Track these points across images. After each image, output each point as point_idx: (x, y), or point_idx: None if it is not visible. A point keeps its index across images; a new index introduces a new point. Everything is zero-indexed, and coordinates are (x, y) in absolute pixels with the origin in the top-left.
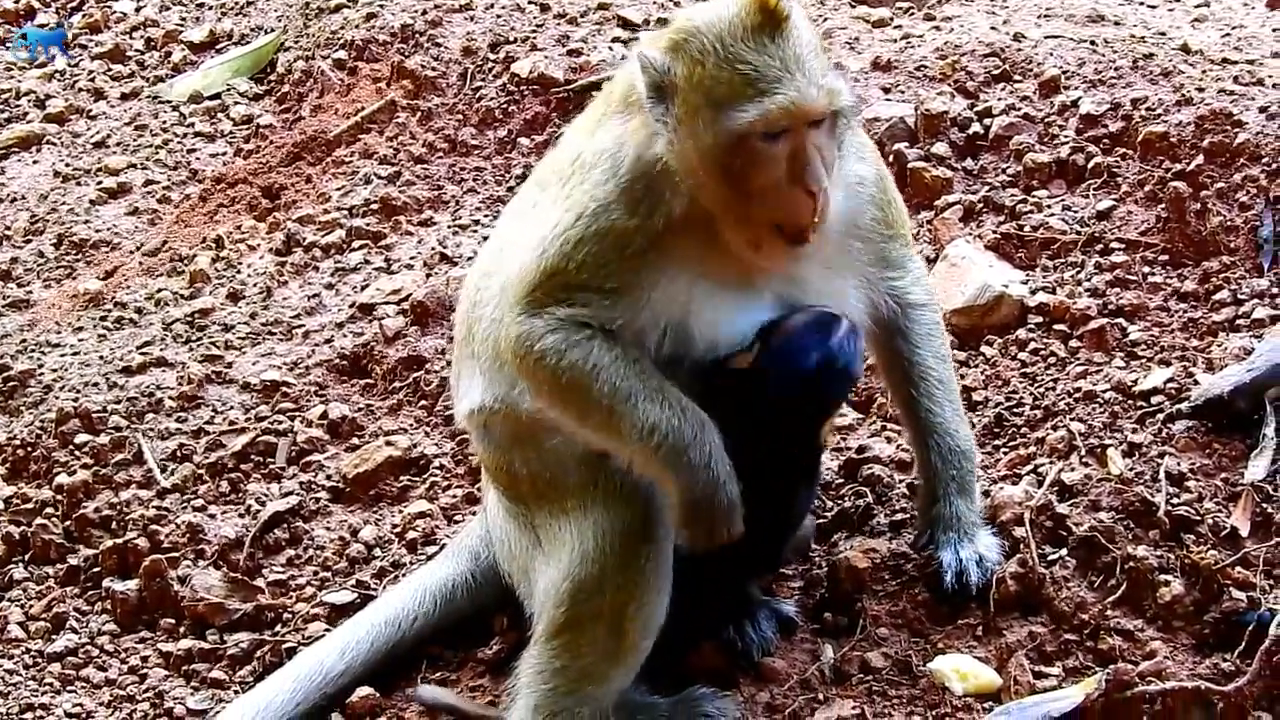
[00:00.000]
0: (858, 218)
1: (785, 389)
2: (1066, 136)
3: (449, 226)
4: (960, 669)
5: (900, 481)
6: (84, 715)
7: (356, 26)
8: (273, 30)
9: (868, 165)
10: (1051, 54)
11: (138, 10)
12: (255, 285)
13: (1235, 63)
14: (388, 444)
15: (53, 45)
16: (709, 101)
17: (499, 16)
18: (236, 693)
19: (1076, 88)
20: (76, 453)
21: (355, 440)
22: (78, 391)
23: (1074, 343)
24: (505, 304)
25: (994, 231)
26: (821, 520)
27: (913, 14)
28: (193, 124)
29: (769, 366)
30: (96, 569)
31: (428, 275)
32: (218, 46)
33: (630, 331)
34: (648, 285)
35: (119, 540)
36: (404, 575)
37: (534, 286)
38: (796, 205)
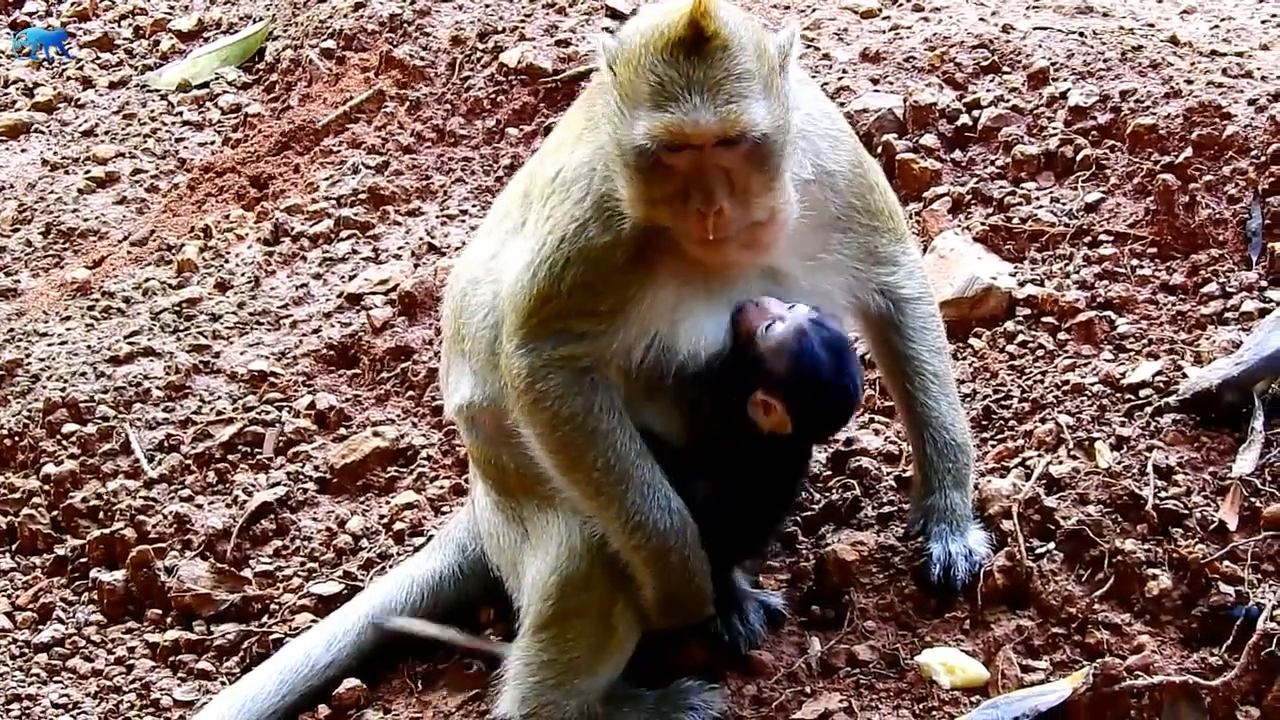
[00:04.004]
0: (829, 210)
1: (814, 433)
2: (1055, 128)
3: (437, 217)
4: (948, 662)
5: (888, 474)
6: (71, 706)
7: (345, 16)
8: (261, 19)
9: (843, 152)
10: (1040, 45)
11: None
12: (243, 275)
13: (1224, 55)
14: (375, 434)
15: (53, 45)
16: (625, 104)
17: (488, 6)
18: (223, 684)
19: (1065, 79)
20: (64, 442)
21: (343, 431)
22: (65, 381)
23: (1062, 335)
24: (505, 328)
25: (982, 223)
26: (809, 513)
27: (901, 5)
28: (181, 113)
29: (800, 423)
30: (83, 559)
31: (415, 265)
32: (206, 35)
33: (621, 353)
34: (637, 299)
35: (106, 530)
36: (391, 566)
37: (530, 314)
38: (689, 222)
